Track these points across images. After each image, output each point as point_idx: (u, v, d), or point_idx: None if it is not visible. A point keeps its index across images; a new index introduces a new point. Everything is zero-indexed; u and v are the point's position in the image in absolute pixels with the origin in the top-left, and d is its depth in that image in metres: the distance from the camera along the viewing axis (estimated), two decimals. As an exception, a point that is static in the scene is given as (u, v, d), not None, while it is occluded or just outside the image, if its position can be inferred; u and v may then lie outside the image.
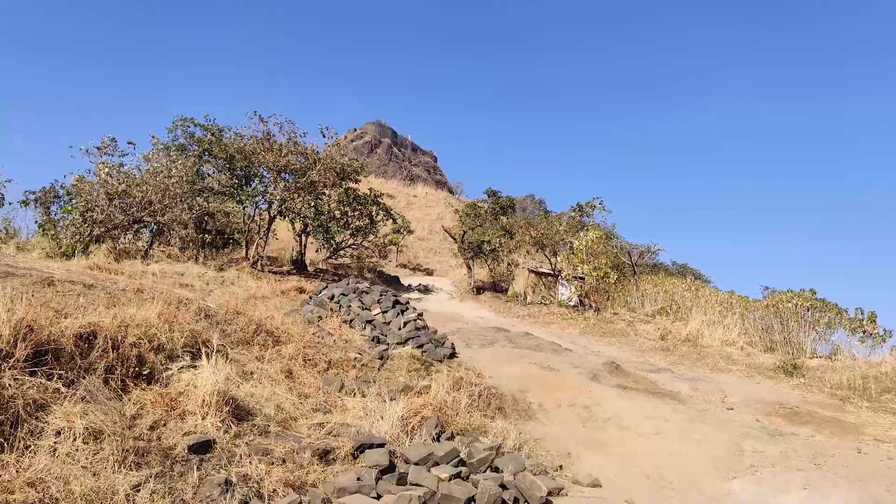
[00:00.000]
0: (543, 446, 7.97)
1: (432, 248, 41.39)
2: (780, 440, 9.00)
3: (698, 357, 17.37)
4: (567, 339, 18.38)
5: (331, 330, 10.92)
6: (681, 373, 14.44)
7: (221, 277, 17.67)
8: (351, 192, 23.89)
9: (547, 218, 25.23)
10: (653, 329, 20.91)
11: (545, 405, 9.38)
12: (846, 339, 19.46)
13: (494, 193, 26.32)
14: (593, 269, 22.38)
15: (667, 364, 16.02)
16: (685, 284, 25.24)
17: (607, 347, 17.69)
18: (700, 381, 13.51)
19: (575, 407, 9.41)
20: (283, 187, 20.29)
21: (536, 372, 10.82)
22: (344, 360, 9.68)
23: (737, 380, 14.30)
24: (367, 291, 12.71)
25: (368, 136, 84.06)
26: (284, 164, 20.63)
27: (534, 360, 11.53)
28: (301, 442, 5.92)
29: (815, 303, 20.26)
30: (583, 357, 13.81)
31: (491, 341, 14.09)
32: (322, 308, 11.73)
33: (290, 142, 21.07)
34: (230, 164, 20.33)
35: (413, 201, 48.91)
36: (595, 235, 22.53)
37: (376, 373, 9.53)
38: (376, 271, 28.22)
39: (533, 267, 26.89)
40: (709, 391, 12.76)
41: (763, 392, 12.83)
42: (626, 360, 15.25)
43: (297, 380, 8.23)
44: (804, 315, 20.42)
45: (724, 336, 20.20)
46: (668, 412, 9.68)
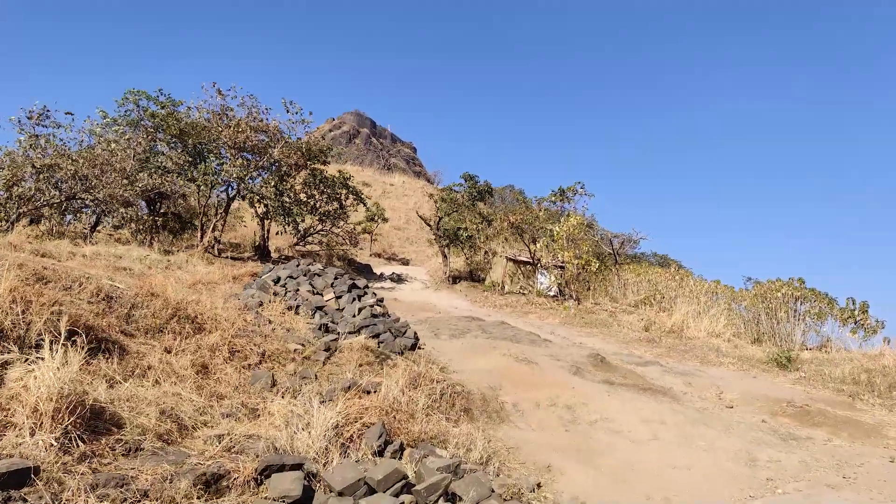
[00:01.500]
0: (518, 457, 6.39)
1: (409, 238, 39.63)
2: (796, 446, 7.55)
3: (686, 349, 15.98)
4: (546, 329, 16.86)
5: (271, 317, 9.22)
6: (670, 366, 13.00)
7: (167, 261, 15.81)
8: (318, 173, 22.04)
9: (525, 202, 23.65)
10: (636, 320, 19.52)
11: (521, 405, 7.80)
12: (837, 331, 18.29)
13: (471, 178, 24.69)
14: (574, 257, 20.89)
15: (654, 356, 14.59)
16: (669, 274, 23.89)
17: (589, 338, 16.21)
18: (692, 376, 12.08)
19: (556, 407, 7.84)
20: (240, 165, 18.42)
21: (511, 365, 9.24)
22: (282, 351, 8.00)
23: (731, 374, 12.90)
24: (319, 274, 11.00)
25: (347, 125, 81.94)
26: (243, 140, 18.75)
27: (509, 352, 9.94)
28: (184, 463, 4.25)
29: (805, 292, 19.02)
30: (564, 349, 12.28)
31: (462, 331, 12.49)
32: (264, 292, 10.02)
33: (249, 117, 19.18)
34: (181, 140, 18.38)
35: (389, 190, 47.06)
36: (576, 221, 21.04)
37: (320, 367, 7.86)
38: (346, 260, 26.45)
39: (511, 255, 25.35)
40: (703, 386, 11.32)
41: (762, 387, 11.43)
42: (610, 353, 13.77)
43: (215, 376, 6.54)
44: (793, 305, 19.22)
45: (709, 327, 18.91)
46: (665, 413, 8.17)
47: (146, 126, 19.90)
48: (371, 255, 34.22)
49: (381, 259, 34.17)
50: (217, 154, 19.01)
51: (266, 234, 22.54)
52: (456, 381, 7.93)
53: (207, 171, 17.61)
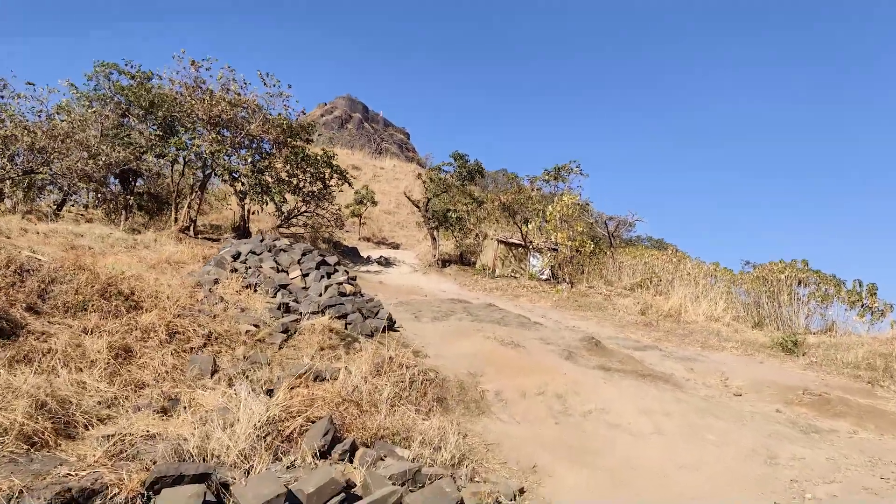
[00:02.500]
0: (498, 455, 5.37)
1: (399, 222, 38.48)
2: (820, 440, 6.56)
3: (685, 333, 15.02)
4: (538, 312, 15.86)
5: (226, 295, 8.14)
6: (670, 351, 12.03)
7: (134, 240, 14.69)
8: (300, 151, 20.83)
9: (517, 182, 22.56)
10: (632, 303, 18.53)
11: (504, 394, 6.77)
12: (843, 314, 17.34)
13: (461, 157, 23.53)
14: (567, 239, 19.84)
15: (652, 341, 13.61)
16: (666, 256, 22.87)
17: (583, 322, 15.21)
18: (694, 361, 11.10)
19: (545, 396, 6.82)
20: (212, 140, 17.23)
21: (496, 349, 8.21)
22: (232, 333, 6.94)
23: (735, 359, 11.93)
24: (285, 250, 9.91)
25: (339, 110, 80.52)
26: (218, 114, 17.54)
27: (494, 336, 8.90)
28: (48, 475, 3.19)
29: (809, 274, 18.06)
30: (555, 332, 11.26)
31: (446, 314, 11.46)
32: (222, 268, 8.94)
33: (224, 89, 17.96)
34: (151, 113, 17.15)
35: (380, 173, 45.79)
36: (570, 201, 19.96)
37: (275, 351, 6.81)
38: (332, 242, 25.33)
39: (503, 238, 24.28)
40: (707, 372, 10.34)
41: (770, 373, 10.46)
42: (606, 337, 12.78)
43: (139, 361, 5.47)
44: (797, 288, 18.26)
45: (708, 310, 17.96)
46: (668, 401, 7.16)
47: (119, 101, 18.67)
48: (360, 238, 33.09)
49: (371, 243, 33.06)
50: (191, 128, 17.80)
51: (246, 214, 21.39)
52: (431, 366, 6.89)
53: (178, 145, 16.42)
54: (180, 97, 17.57)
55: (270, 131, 19.06)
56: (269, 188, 18.54)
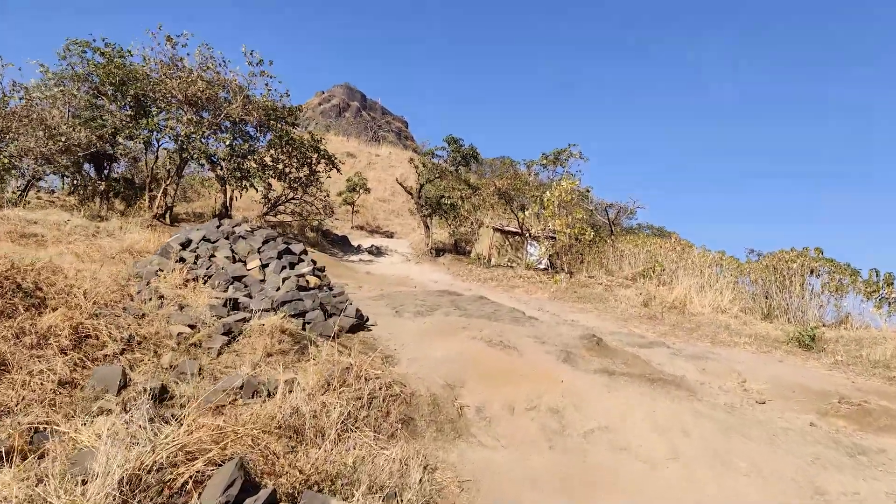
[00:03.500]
0: (475, 497, 4.15)
1: (394, 210, 37.17)
2: (870, 466, 5.32)
3: (692, 327, 13.79)
4: (534, 305, 14.63)
5: (165, 289, 6.89)
6: (678, 347, 10.79)
7: (96, 227, 13.44)
8: (284, 134, 19.48)
9: (514, 166, 21.23)
10: (634, 294, 17.30)
11: (488, 409, 5.53)
12: (860, 306, 16.09)
13: (455, 141, 22.20)
14: (566, 226, 18.56)
15: (657, 336, 12.39)
16: (669, 244, 21.59)
17: (582, 315, 13.99)
18: (706, 360, 9.86)
19: (538, 411, 5.59)
20: (188, 120, 15.91)
21: (482, 352, 6.96)
22: (161, 337, 5.69)
23: (750, 356, 10.70)
24: (244, 237, 8.66)
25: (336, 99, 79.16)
26: (194, 93, 16.21)
27: (481, 334, 7.65)
28: None
29: (823, 263, 16.79)
30: (552, 328, 10.03)
31: (431, 308, 10.22)
32: (166, 259, 7.69)
33: (200, 67, 16.61)
34: (122, 91, 15.82)
35: (375, 161, 44.38)
36: (568, 186, 18.66)
37: (212, 358, 5.57)
38: (321, 231, 24.07)
39: (499, 226, 23.00)
40: (721, 373, 9.12)
41: (793, 374, 9.23)
42: (607, 332, 11.55)
43: (13, 377, 4.23)
44: (809, 278, 17.01)
45: (714, 301, 16.74)
46: (684, 416, 5.93)
47: (94, 81, 17.32)
48: (353, 227, 31.83)
49: (364, 232, 31.80)
50: (165, 108, 16.47)
51: (228, 201, 20.10)
52: (400, 376, 5.63)
53: (150, 126, 15.10)
54: (153, 74, 16.26)
55: (252, 113, 17.74)
56: (250, 173, 17.23)
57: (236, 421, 4.01)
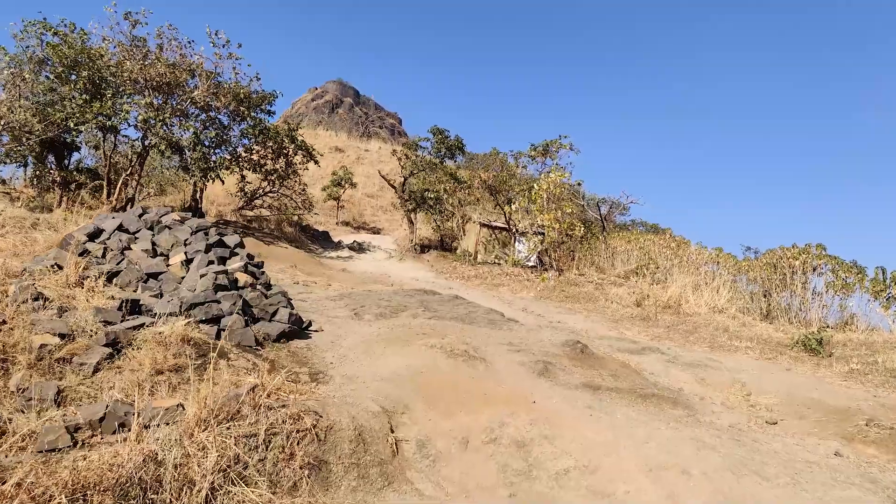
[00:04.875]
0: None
1: (382, 206, 35.82)
2: (923, 516, 4.12)
3: (688, 329, 12.62)
4: (518, 305, 13.40)
5: (51, 289, 5.61)
6: (673, 353, 9.58)
7: (36, 219, 12.16)
8: (257, 123, 18.14)
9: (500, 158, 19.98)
10: (626, 293, 16.13)
11: (434, 444, 4.29)
12: (865, 306, 14.93)
13: (441, 132, 20.95)
14: (555, 221, 17.32)
15: (651, 339, 11.20)
16: (664, 241, 20.39)
17: (570, 316, 12.77)
18: (705, 368, 8.66)
19: (499, 445, 4.35)
20: (147, 105, 14.59)
21: (440, 365, 5.71)
22: (21, 350, 4.42)
23: (754, 363, 9.50)
24: (170, 227, 7.38)
25: (329, 94, 77.70)
26: (154, 76, 14.89)
27: (444, 342, 6.39)
28: None
29: (826, 260, 15.61)
30: (532, 332, 8.80)
31: (396, 309, 8.97)
32: (65, 252, 6.42)
33: (159, 47, 15.30)
34: (73, 73, 14.49)
35: (364, 156, 43.02)
36: (557, 177, 17.42)
37: (86, 377, 4.32)
38: (300, 226, 22.77)
39: (486, 221, 21.75)
40: (723, 385, 7.92)
41: (805, 386, 8.01)
42: (595, 336, 10.34)
43: None
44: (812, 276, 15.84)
45: (711, 301, 15.58)
46: (683, 447, 4.70)
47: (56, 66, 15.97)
48: (339, 223, 30.51)
49: (350, 228, 30.48)
50: (123, 92, 15.15)
51: (198, 194, 18.79)
52: (320, 401, 4.36)
53: (102, 110, 13.77)
54: (110, 55, 14.95)
55: (220, 99, 16.42)
56: (216, 163, 15.93)
57: (68, 474, 2.76)
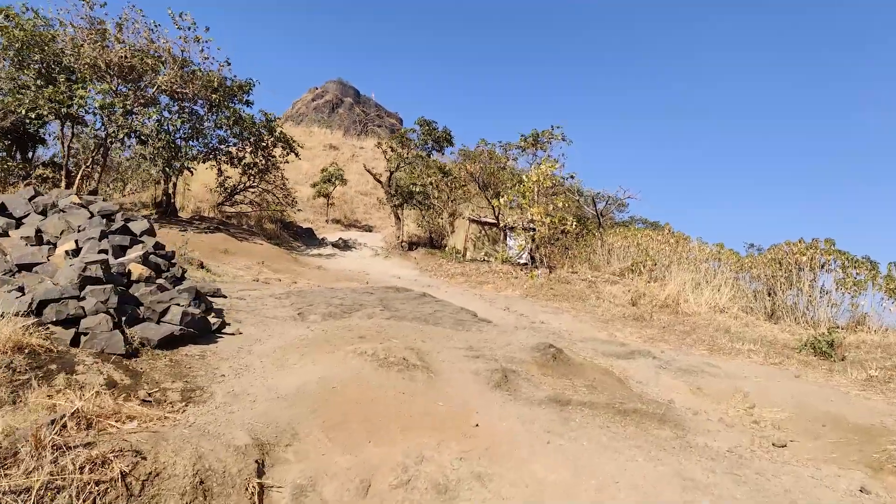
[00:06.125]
0: None
1: (375, 204, 34.70)
2: None
3: (685, 329, 11.42)
4: (500, 303, 12.23)
5: None
6: (667, 358, 8.39)
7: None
8: (232, 113, 17.02)
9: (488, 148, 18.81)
10: (621, 291, 14.95)
11: (317, 491, 3.11)
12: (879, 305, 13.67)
13: (428, 123, 19.81)
14: (545, 214, 16.12)
15: (643, 341, 10.01)
16: (662, 237, 19.17)
17: (555, 316, 11.60)
18: (701, 375, 7.47)
19: (410, 490, 3.18)
20: (106, 91, 13.50)
21: (367, 376, 4.55)
22: None
23: (757, 369, 8.30)
24: (65, 211, 6.27)
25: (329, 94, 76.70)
26: (110, 60, 13.80)
27: (380, 347, 5.23)
28: None
29: (836, 256, 14.36)
30: (505, 334, 7.63)
31: (350, 308, 7.83)
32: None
33: (118, 28, 14.22)
34: (22, 58, 13.42)
35: (359, 153, 41.87)
36: (548, 168, 16.24)
37: None
38: (282, 223, 21.66)
39: (475, 216, 20.58)
40: (721, 395, 6.74)
41: (817, 397, 6.80)
42: (579, 338, 9.16)
43: None
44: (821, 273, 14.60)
45: (712, 300, 14.36)
46: (666, 486, 3.54)
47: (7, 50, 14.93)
48: (329, 220, 29.40)
49: (340, 225, 29.37)
50: (82, 78, 14.06)
51: (171, 188, 17.71)
52: (163, 431, 3.21)
53: (54, 95, 12.69)
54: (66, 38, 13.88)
55: (189, 86, 15.32)
56: (182, 154, 14.82)
57: None
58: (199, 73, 15.85)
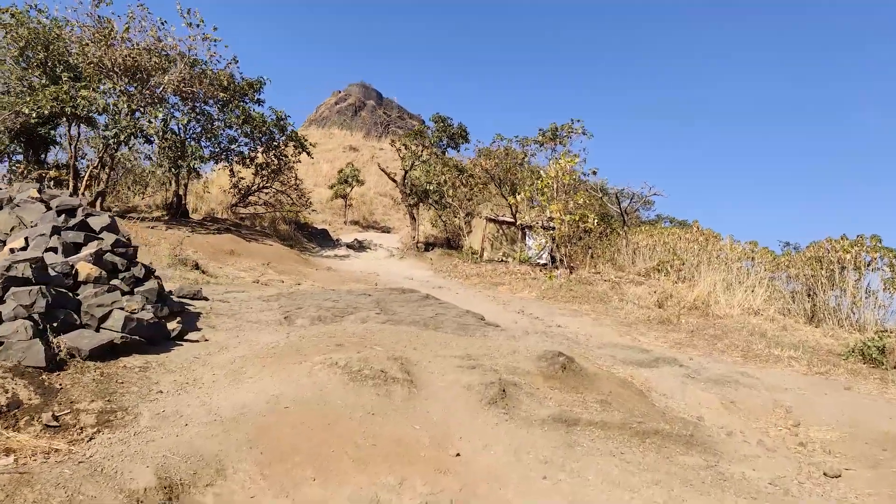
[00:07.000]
0: None
1: (394, 205, 34.16)
2: None
3: (716, 333, 10.43)
4: (514, 306, 11.42)
5: None
6: (695, 365, 7.50)
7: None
8: (242, 112, 16.56)
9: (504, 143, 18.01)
10: (646, 292, 13.95)
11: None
12: (928, 305, 12.47)
13: (443, 119, 19.13)
14: (564, 212, 15.24)
15: (668, 346, 9.10)
16: (690, 235, 18.08)
17: (574, 319, 10.74)
18: (736, 386, 6.57)
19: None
20: (110, 90, 13.13)
21: (331, 392, 3.83)
22: None
23: (801, 379, 7.34)
24: (19, 205, 5.71)
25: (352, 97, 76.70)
26: (118, 59, 13.44)
27: (359, 356, 4.52)
28: None
29: (884, 253, 13.19)
30: (512, 340, 6.86)
31: (342, 312, 7.14)
32: None
33: (127, 28, 13.84)
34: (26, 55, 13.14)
35: (379, 154, 41.39)
36: (568, 164, 15.36)
37: None
38: (296, 224, 21.18)
39: (493, 215, 19.77)
40: (758, 411, 5.85)
41: (872, 413, 5.85)
42: (598, 343, 8.31)
43: None
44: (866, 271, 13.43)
45: (745, 301, 13.26)
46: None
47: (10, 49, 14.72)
48: (347, 222, 28.91)
49: (358, 227, 28.84)
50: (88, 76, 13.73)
51: (182, 189, 17.34)
52: (32, 470, 2.53)
53: (55, 94, 12.35)
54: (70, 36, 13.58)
55: (196, 84, 14.89)
56: (185, 155, 14.37)
57: None
58: (209, 72, 15.45)
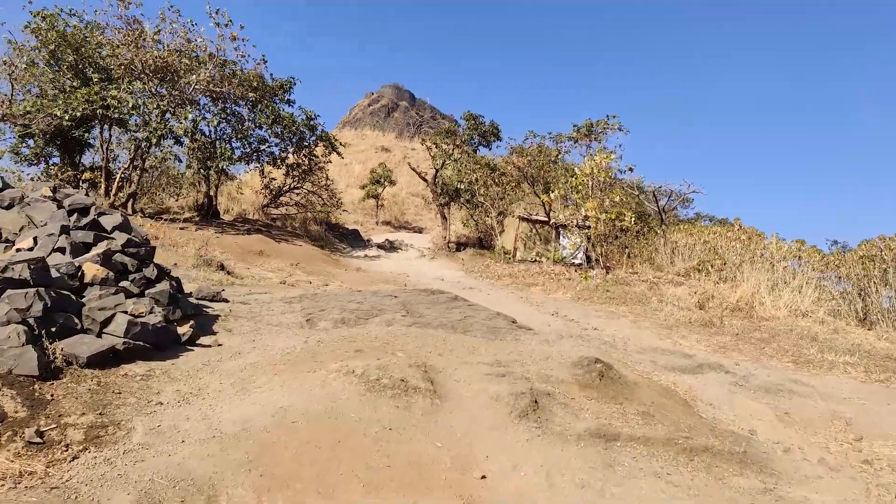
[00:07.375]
0: None
1: (426, 205, 33.99)
2: None
3: (764, 337, 9.81)
4: (548, 308, 11.01)
5: None
6: (743, 371, 6.98)
7: None
8: (272, 112, 16.57)
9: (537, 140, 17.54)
10: (686, 293, 13.32)
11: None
12: None
13: (474, 118, 18.81)
14: (600, 210, 14.72)
15: (711, 351, 8.56)
16: (732, 233, 17.30)
17: (611, 322, 10.26)
18: (789, 395, 6.06)
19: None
20: (141, 91, 13.24)
21: (346, 404, 3.55)
22: None
23: (860, 387, 6.76)
24: (29, 205, 5.57)
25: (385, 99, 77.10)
26: (146, 60, 13.54)
27: (378, 363, 4.23)
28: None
29: (946, 251, 12.33)
30: (546, 345, 6.49)
31: (367, 314, 6.89)
32: None
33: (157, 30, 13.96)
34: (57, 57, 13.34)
35: (410, 154, 41.29)
36: (604, 161, 14.83)
37: None
38: (328, 224, 21.14)
39: (525, 214, 19.33)
40: (816, 424, 5.35)
41: (946, 428, 5.29)
42: (637, 347, 7.86)
43: None
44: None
45: (792, 302, 12.52)
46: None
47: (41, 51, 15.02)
48: (379, 222, 28.83)
49: (390, 227, 28.72)
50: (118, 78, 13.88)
51: (213, 189, 17.45)
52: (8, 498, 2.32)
53: (87, 96, 12.49)
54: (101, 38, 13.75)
55: (225, 84, 14.93)
56: (215, 152, 14.40)
57: None
58: (238, 73, 15.48)
